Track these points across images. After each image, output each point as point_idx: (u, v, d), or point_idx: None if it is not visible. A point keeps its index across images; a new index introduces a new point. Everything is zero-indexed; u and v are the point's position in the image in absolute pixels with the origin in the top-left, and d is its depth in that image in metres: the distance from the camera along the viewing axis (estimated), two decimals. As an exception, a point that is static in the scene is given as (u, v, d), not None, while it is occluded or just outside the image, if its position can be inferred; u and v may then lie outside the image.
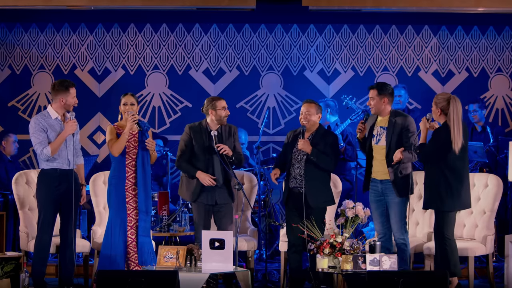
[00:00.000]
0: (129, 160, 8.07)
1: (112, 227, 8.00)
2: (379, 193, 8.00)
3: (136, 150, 8.08)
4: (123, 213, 8.00)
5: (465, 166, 7.77)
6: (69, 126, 7.86)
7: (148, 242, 8.06)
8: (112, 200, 8.06)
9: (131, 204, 8.03)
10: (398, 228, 7.95)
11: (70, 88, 7.93)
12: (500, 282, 8.55)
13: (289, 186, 8.13)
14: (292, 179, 8.09)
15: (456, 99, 7.72)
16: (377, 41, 11.18)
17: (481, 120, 10.35)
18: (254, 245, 8.76)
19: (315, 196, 7.99)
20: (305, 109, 8.13)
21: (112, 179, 8.09)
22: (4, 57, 11.18)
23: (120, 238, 7.96)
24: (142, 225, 8.03)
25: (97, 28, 11.19)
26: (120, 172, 8.05)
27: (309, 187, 7.98)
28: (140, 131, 8.07)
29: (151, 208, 8.24)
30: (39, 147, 7.81)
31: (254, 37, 11.23)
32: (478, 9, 10.13)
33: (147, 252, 8.03)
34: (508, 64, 11.14)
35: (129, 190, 8.05)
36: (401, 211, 7.95)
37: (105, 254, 7.98)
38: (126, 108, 8.08)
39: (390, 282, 6.80)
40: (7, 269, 7.92)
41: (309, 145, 7.97)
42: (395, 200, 7.93)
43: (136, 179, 8.04)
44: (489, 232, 8.50)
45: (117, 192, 8.02)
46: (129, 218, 8.02)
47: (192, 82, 11.23)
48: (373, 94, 8.08)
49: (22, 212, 8.67)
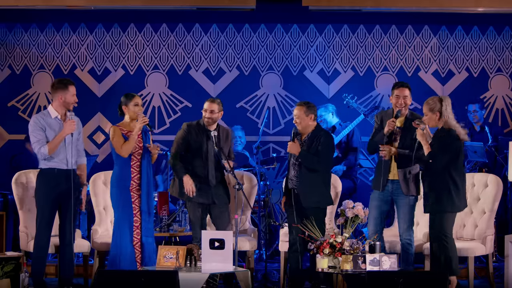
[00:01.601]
0: (134, 160, 8.08)
1: (120, 227, 8.02)
2: (388, 193, 7.99)
3: (141, 151, 8.10)
4: (130, 214, 8.03)
5: (464, 165, 7.83)
6: (68, 126, 7.86)
7: (150, 242, 8.08)
8: (119, 201, 8.08)
9: (136, 204, 8.06)
10: (406, 228, 7.98)
11: (69, 85, 7.92)
12: (500, 282, 8.55)
13: (288, 186, 8.15)
14: (289, 180, 8.11)
15: (445, 97, 7.78)
16: (377, 41, 11.18)
17: (480, 120, 10.36)
18: (254, 245, 8.76)
19: (307, 197, 8.00)
20: (295, 111, 8.15)
21: (116, 181, 8.10)
22: (4, 57, 11.18)
23: (129, 238, 8.00)
24: (145, 225, 8.06)
25: (97, 28, 11.19)
26: (126, 172, 8.06)
27: (301, 188, 8.00)
28: (144, 132, 8.10)
29: (153, 209, 8.25)
30: (36, 146, 7.81)
31: (254, 37, 11.23)
32: (478, 9, 10.13)
33: (149, 252, 8.05)
34: (508, 64, 11.13)
35: (133, 191, 8.07)
36: (411, 211, 7.98)
37: (114, 254, 8.02)
38: (137, 109, 8.10)
39: (390, 282, 6.80)
40: (7, 269, 7.92)
41: (297, 147, 7.98)
42: (405, 200, 7.95)
43: (141, 180, 8.06)
44: (489, 232, 8.50)
45: (123, 193, 8.04)
46: (134, 218, 8.05)
47: (192, 82, 11.23)
48: (407, 93, 8.05)
49: (22, 212, 8.67)
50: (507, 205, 9.77)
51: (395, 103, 8.07)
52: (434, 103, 7.75)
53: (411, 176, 7.94)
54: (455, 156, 7.68)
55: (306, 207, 7.98)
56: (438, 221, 7.74)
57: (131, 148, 8.01)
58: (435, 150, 7.67)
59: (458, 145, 7.68)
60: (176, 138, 8.32)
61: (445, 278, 6.91)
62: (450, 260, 7.68)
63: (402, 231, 8.00)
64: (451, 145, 7.67)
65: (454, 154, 7.68)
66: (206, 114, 8.22)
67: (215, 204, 8.25)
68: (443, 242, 7.69)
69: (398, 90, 8.07)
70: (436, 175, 7.72)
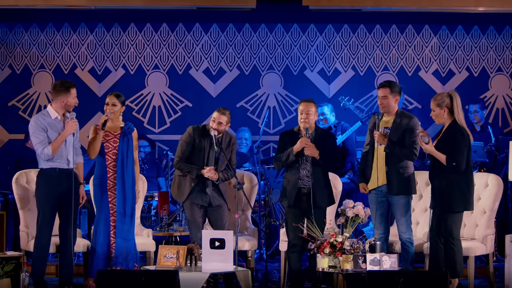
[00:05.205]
0: (109, 160, 8.13)
1: (97, 226, 8.11)
2: (383, 194, 7.98)
3: (115, 150, 8.11)
4: (107, 213, 8.07)
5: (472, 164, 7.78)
6: (69, 126, 7.87)
7: (125, 244, 8.06)
8: (96, 200, 8.19)
9: (113, 204, 8.09)
10: (406, 227, 7.96)
11: (71, 88, 7.93)
12: (500, 281, 8.54)
13: (298, 186, 8.09)
14: (299, 180, 8.07)
15: (455, 93, 7.66)
16: (377, 40, 11.18)
17: (481, 120, 10.36)
18: (254, 245, 8.76)
19: (322, 197, 8.01)
20: (305, 108, 8.04)
21: (95, 179, 8.20)
22: (4, 56, 11.18)
23: (103, 237, 8.05)
24: (118, 226, 8.07)
25: (97, 28, 11.19)
26: (102, 172, 8.13)
27: (316, 188, 7.99)
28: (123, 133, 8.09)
29: (133, 209, 8.19)
30: (39, 147, 7.81)
31: (254, 36, 11.23)
32: (479, 8, 10.13)
33: (124, 253, 8.04)
34: (508, 64, 11.13)
35: (111, 190, 8.12)
36: (407, 211, 7.96)
37: (92, 252, 8.11)
38: (107, 108, 8.14)
39: (390, 282, 6.80)
40: (8, 268, 7.91)
41: (315, 149, 7.95)
42: (400, 201, 7.92)
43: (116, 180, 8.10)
44: (489, 231, 8.49)
45: (100, 192, 8.11)
46: (112, 218, 8.10)
47: (193, 82, 11.23)
48: (385, 93, 7.93)
49: (22, 212, 8.66)
50: (508, 205, 9.77)
51: (379, 104, 8.04)
52: (442, 99, 7.62)
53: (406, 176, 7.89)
54: (469, 154, 7.62)
55: (321, 207, 7.98)
56: (445, 221, 7.63)
57: (94, 149, 8.03)
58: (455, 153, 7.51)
59: (469, 144, 7.62)
60: (181, 141, 8.33)
61: (445, 278, 6.90)
62: (454, 263, 7.62)
63: (403, 230, 7.99)
64: (465, 142, 7.57)
65: (468, 152, 7.61)
66: (214, 124, 8.21)
67: (213, 207, 8.27)
68: (450, 244, 7.63)
69: (379, 91, 8.02)
70: (446, 174, 7.59)
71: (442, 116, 7.64)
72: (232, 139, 8.39)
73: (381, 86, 7.99)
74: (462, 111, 7.65)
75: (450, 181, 7.59)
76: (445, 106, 7.61)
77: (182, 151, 8.27)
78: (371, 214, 7.95)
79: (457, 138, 7.56)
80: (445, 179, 7.61)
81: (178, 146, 8.36)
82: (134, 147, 8.25)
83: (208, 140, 8.23)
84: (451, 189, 7.59)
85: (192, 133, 8.28)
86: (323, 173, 8.07)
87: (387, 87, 7.95)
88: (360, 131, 10.35)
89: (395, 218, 8.04)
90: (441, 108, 7.63)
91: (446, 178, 7.60)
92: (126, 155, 8.12)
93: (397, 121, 7.92)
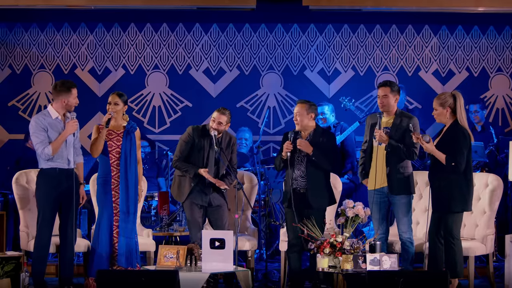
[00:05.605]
0: (113, 159, 8.13)
1: (99, 225, 8.10)
2: (384, 194, 7.97)
3: (119, 149, 8.12)
4: (109, 213, 8.08)
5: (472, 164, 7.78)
6: (70, 126, 7.87)
7: (128, 242, 8.07)
8: (99, 199, 8.19)
9: (117, 203, 8.10)
10: (407, 227, 7.95)
11: (72, 88, 7.94)
12: (500, 281, 8.54)
13: (291, 187, 8.09)
14: (293, 180, 8.07)
15: (458, 93, 7.64)
16: (377, 40, 11.18)
17: (481, 120, 10.36)
18: (254, 245, 8.76)
19: (317, 197, 7.99)
20: (296, 109, 8.10)
21: (98, 178, 8.20)
22: (4, 56, 11.18)
23: (106, 236, 8.05)
24: (122, 225, 8.07)
25: (97, 28, 11.20)
26: (105, 171, 8.13)
27: (311, 188, 7.97)
28: (126, 132, 8.10)
29: (135, 208, 8.20)
30: (40, 147, 7.81)
31: (254, 36, 11.23)
32: (478, 8, 10.13)
33: (127, 252, 8.04)
34: (508, 64, 11.14)
35: (115, 189, 8.12)
36: (409, 210, 7.96)
37: (93, 251, 8.10)
38: (109, 107, 8.14)
39: (390, 282, 6.80)
40: (7, 268, 7.92)
41: (309, 146, 7.95)
42: (402, 201, 7.92)
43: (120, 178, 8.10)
44: (489, 231, 8.49)
45: (103, 191, 8.12)
46: (115, 217, 8.09)
47: (193, 82, 11.23)
48: (386, 91, 7.93)
49: (22, 212, 8.66)
50: (508, 205, 9.77)
51: (378, 103, 8.05)
52: (445, 98, 7.60)
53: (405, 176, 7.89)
54: (469, 155, 7.62)
55: (316, 208, 7.97)
56: (446, 221, 7.63)
57: (97, 148, 8.05)
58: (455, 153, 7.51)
59: (470, 144, 7.61)
60: (180, 141, 8.34)
61: (445, 278, 6.90)
62: (455, 263, 7.62)
63: (403, 230, 7.99)
64: (465, 143, 7.56)
65: (468, 152, 7.61)
66: (214, 124, 8.22)
67: (212, 206, 8.27)
68: (450, 244, 7.62)
69: (379, 90, 8.03)
70: (446, 174, 7.57)
71: (445, 115, 7.64)
72: (232, 139, 8.39)
73: (381, 85, 8.00)
74: (464, 111, 7.65)
75: (449, 181, 7.58)
76: (448, 106, 7.60)
77: (180, 151, 8.29)
78: (372, 214, 7.94)
79: (458, 138, 7.56)
80: (445, 179, 7.60)
81: (177, 145, 8.37)
82: (137, 146, 8.26)
83: (208, 140, 8.24)
84: (450, 189, 7.58)
85: (191, 133, 8.29)
86: (321, 173, 8.04)
87: (387, 86, 7.96)
88: (358, 131, 10.34)
89: (396, 218, 8.03)
90: (444, 108, 7.62)
91: (445, 178, 7.60)
92: (129, 154, 8.13)
93: (397, 122, 7.93)
